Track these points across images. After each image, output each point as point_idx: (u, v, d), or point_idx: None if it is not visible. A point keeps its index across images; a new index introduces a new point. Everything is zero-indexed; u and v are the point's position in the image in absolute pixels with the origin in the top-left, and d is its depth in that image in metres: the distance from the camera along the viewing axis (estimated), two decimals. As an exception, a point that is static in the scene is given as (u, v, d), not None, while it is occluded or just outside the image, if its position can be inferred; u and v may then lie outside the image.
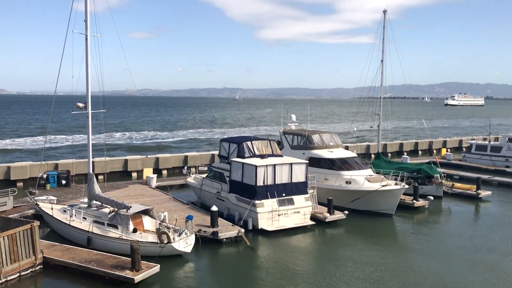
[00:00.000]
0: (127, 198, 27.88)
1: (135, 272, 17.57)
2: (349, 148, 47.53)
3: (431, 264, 20.27)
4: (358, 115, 43.26)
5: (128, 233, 21.03)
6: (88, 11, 22.47)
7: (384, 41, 39.49)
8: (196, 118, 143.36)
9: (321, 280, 18.48)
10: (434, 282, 18.33)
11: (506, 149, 47.11)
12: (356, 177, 29.19)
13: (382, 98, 40.57)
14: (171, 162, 42.46)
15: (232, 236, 23.03)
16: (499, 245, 23.17)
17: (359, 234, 25.29)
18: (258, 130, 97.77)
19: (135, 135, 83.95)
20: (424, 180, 32.95)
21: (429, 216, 29.11)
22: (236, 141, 28.87)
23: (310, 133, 33.39)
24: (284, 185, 25.75)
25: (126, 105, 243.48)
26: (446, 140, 65.42)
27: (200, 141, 74.86)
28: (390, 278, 18.70)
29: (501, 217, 29.26)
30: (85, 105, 23.43)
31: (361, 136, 71.16)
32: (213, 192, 28.58)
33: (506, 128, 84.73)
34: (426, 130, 73.46)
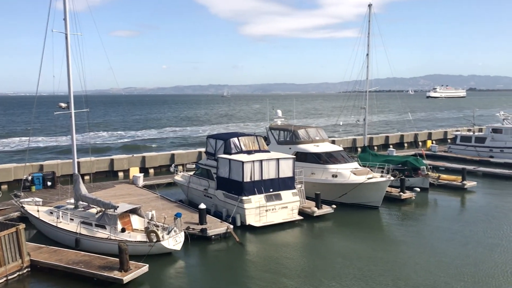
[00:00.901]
0: (114, 198, 27.67)
1: (123, 273, 17.45)
2: (336, 142, 47.76)
3: (421, 258, 20.28)
4: (345, 109, 43.44)
5: (117, 233, 20.88)
6: (67, 10, 22.17)
7: (370, 35, 39.66)
8: (183, 116, 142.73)
9: (312, 275, 18.55)
10: (425, 275, 18.32)
11: (490, 140, 47.76)
12: (342, 170, 29.35)
13: (367, 91, 40.78)
14: (158, 160, 42.21)
15: (221, 233, 23.01)
16: (487, 236, 23.31)
17: (348, 227, 25.42)
18: (247, 126, 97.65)
19: (121, 134, 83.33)
20: (411, 172, 33.26)
21: (416, 208, 29.36)
22: (223, 137, 28.82)
23: (296, 128, 33.49)
24: (272, 181, 25.77)
25: (111, 104, 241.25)
26: (431, 132, 66.09)
27: (188, 139, 74.60)
28: (380, 272, 18.70)
29: (487, 207, 29.62)
30: (67, 105, 23.15)
31: (348, 130, 71.53)
32: (200, 190, 28.51)
33: (485, 119, 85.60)
34: (412, 122, 74.20)
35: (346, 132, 65.72)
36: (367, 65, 40.11)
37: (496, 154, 46.61)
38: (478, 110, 72.39)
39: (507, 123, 48.87)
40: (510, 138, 46.50)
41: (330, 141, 37.66)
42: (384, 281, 17.80)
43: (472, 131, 53.00)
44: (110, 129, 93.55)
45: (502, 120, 49.55)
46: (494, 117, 62.39)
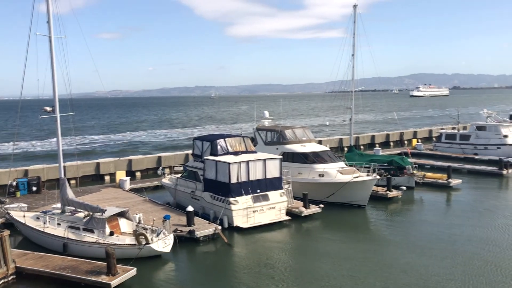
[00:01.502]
0: (100, 202, 27.44)
1: (111, 277, 17.30)
2: (322, 142, 48.00)
3: (410, 257, 20.21)
4: (331, 109, 43.68)
5: (105, 236, 20.72)
6: (51, 12, 21.94)
7: (355, 35, 39.93)
8: (170, 118, 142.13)
9: (301, 275, 18.56)
10: (415, 275, 18.23)
11: (474, 137, 48.41)
12: (329, 169, 29.50)
13: (353, 91, 41.05)
14: (144, 163, 41.95)
15: (209, 234, 22.97)
16: (476, 234, 23.42)
17: (336, 227, 25.55)
18: (235, 127, 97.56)
19: (108, 137, 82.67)
20: (396, 171, 33.52)
21: (403, 206, 29.60)
22: (209, 139, 28.77)
23: (283, 128, 33.60)
24: (259, 181, 25.78)
25: (97, 107, 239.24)
26: (417, 130, 66.73)
27: (176, 141, 74.27)
28: (369, 272, 18.62)
29: (473, 204, 29.95)
30: (52, 109, 22.93)
31: (334, 129, 71.85)
32: (187, 192, 28.42)
33: (466, 117, 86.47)
34: (397, 121, 74.88)
35: (334, 131, 66.02)
36: (353, 65, 40.40)
37: (481, 151, 47.26)
38: (462, 108, 73.32)
39: (490, 120, 49.57)
40: (493, 135, 47.18)
41: (317, 141, 37.85)
42: (374, 281, 17.73)
43: (457, 129, 53.73)
44: (96, 132, 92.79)
45: (485, 117, 50.23)
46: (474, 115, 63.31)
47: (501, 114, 54.67)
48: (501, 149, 46.14)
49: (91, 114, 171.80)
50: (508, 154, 44.69)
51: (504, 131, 46.85)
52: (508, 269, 18.68)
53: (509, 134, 46.82)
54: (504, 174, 38.41)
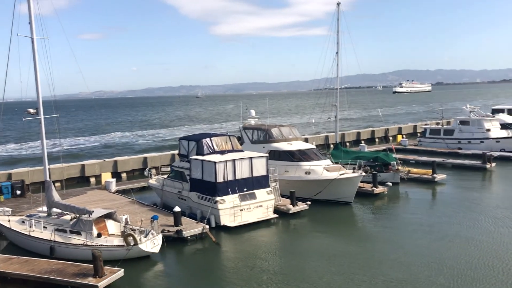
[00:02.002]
0: (86, 204, 27.16)
1: (98, 279, 17.16)
2: (309, 140, 48.15)
3: (399, 253, 20.17)
4: (317, 107, 43.88)
5: (93, 238, 20.57)
6: (33, 13, 21.68)
7: (339, 33, 40.16)
8: (157, 118, 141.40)
9: (290, 272, 18.56)
10: (404, 271, 18.15)
11: (458, 132, 49.07)
12: (315, 167, 29.64)
13: (338, 89, 41.29)
14: (130, 164, 41.67)
15: (197, 233, 22.92)
16: (462, 229, 23.55)
17: (323, 224, 25.66)
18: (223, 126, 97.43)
19: (93, 138, 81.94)
20: (381, 167, 33.79)
21: (389, 202, 29.83)
22: (195, 138, 28.70)
23: (269, 127, 33.68)
24: (245, 180, 25.79)
25: (81, 108, 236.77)
26: (401, 126, 67.38)
27: (164, 141, 73.91)
28: (358, 269, 18.55)
29: (459, 198, 30.30)
30: (36, 111, 22.67)
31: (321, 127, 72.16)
32: (174, 192, 28.32)
33: (447, 112, 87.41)
34: (381, 117, 75.50)
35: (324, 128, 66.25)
36: (337, 63, 40.65)
37: (464, 146, 47.91)
38: (442, 104, 74.22)
39: (473, 115, 50.27)
40: (477, 129, 47.88)
41: (303, 139, 37.98)
42: (363, 278, 17.70)
43: (441, 124, 54.36)
44: (81, 134, 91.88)
45: (469, 112, 50.92)
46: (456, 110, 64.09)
47: (483, 108, 55.40)
48: (484, 143, 46.84)
49: (76, 115, 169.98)
50: (491, 148, 45.38)
51: (486, 125, 47.55)
52: (496, 262, 18.87)
53: (492, 128, 47.54)
54: (487, 168, 38.96)
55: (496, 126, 48.00)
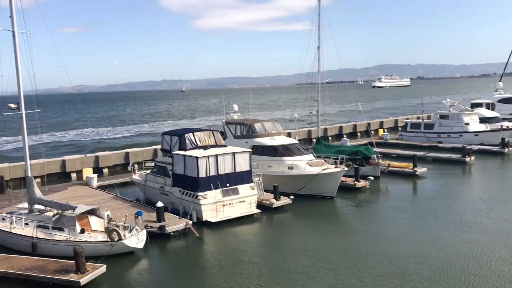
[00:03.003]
0: (67, 200, 26.71)
1: (80, 275, 17.05)
2: (291, 135, 48.36)
3: (385, 247, 20.18)
4: (298, 102, 44.04)
5: (76, 234, 20.41)
6: (14, 6, 21.28)
7: (320, 28, 40.28)
8: (140, 112, 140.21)
9: (274, 268, 18.60)
10: (391, 265, 18.18)
11: (438, 126, 49.82)
12: (298, 162, 29.79)
13: (320, 84, 41.48)
14: (112, 160, 41.30)
15: (180, 229, 22.87)
16: (447, 221, 23.81)
17: (307, 218, 25.78)
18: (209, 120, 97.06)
19: (75, 133, 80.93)
20: (362, 161, 34.11)
21: (371, 196, 30.19)
22: (178, 133, 28.57)
23: (252, 122, 33.67)
24: (228, 175, 25.78)
25: (62, 103, 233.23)
26: (383, 120, 68.09)
27: (145, 136, 73.37)
28: (344, 264, 18.54)
29: (440, 191, 30.84)
30: (17, 106, 22.32)
31: (303, 121, 72.43)
32: (157, 187, 28.19)
33: (426, 107, 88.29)
34: (362, 112, 76.13)
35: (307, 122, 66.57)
36: (319, 58, 40.82)
37: (444, 139, 48.68)
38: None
39: (453, 109, 51.05)
40: (456, 123, 48.67)
41: (286, 134, 38.13)
42: (350, 272, 17.62)
43: (421, 118, 55.04)
44: (63, 128, 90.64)
45: (448, 106, 51.68)
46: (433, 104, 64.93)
47: (463, 102, 56.27)
48: (463, 137, 47.65)
49: (57, 110, 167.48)
50: (470, 142, 46.19)
51: (465, 119, 48.37)
52: (482, 253, 19.21)
53: (471, 122, 48.39)
54: (467, 161, 39.66)
55: (475, 120, 48.87)
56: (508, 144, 44.59)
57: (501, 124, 48.15)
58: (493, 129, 47.32)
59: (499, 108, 56.89)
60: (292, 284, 16.90)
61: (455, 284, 16.46)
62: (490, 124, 48.55)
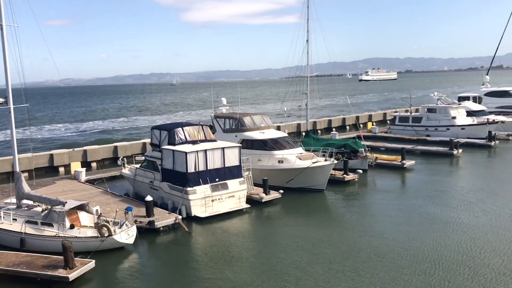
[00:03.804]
0: (55, 195, 26.63)
1: (69, 270, 16.97)
2: (281, 128, 48.40)
3: (378, 241, 20.09)
4: (288, 95, 44.03)
5: (65, 230, 20.27)
6: (2, 0, 20.94)
7: (309, 21, 40.26)
8: (130, 106, 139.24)
9: (264, 262, 18.60)
10: (386, 260, 18.14)
11: (426, 119, 50.22)
12: (288, 156, 29.85)
13: (309, 77, 41.52)
14: (100, 153, 41.01)
15: (169, 224, 22.81)
16: (438, 213, 23.99)
17: (296, 212, 25.85)
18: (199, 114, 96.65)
19: (64, 126, 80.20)
20: (350, 154, 34.28)
21: (360, 189, 30.38)
22: (167, 128, 28.43)
23: (241, 115, 33.59)
24: (217, 170, 25.74)
25: (49, 96, 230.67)
26: (372, 114, 68.42)
27: (134, 130, 72.97)
28: (336, 257, 18.52)
29: (430, 183, 31.10)
30: (5, 100, 22.04)
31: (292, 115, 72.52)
32: (146, 182, 28.08)
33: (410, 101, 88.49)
34: (350, 105, 76.53)
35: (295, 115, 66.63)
36: (307, 51, 40.84)
37: (432, 133, 49.10)
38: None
39: (441, 103, 51.46)
40: (443, 117, 49.09)
41: (275, 127, 38.17)
42: (343, 267, 17.56)
43: (410, 111, 55.40)
44: (50, 122, 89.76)
45: (436, 100, 52.08)
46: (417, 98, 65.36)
47: (450, 96, 56.79)
48: (450, 130, 48.10)
49: (45, 103, 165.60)
50: (457, 135, 46.63)
51: (452, 113, 48.80)
52: (475, 245, 19.43)
53: (458, 115, 48.83)
54: (454, 154, 40.06)
55: (462, 114, 49.31)
56: (495, 137, 45.10)
57: (488, 117, 48.63)
58: (479, 123, 47.81)
59: (486, 102, 57.44)
60: (285, 279, 16.86)
61: (450, 276, 16.52)
62: (477, 117, 49.02)
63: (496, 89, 60.81)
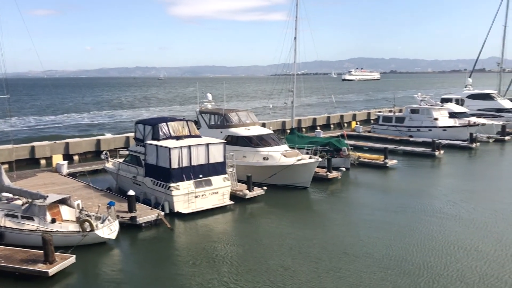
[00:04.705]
0: (36, 187, 26.32)
1: (48, 265, 16.76)
2: (266, 125, 48.45)
3: (363, 241, 20.09)
4: (274, 92, 44.14)
5: (46, 224, 19.98)
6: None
7: (297, 19, 40.32)
8: (116, 99, 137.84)
9: (247, 259, 18.56)
10: (372, 259, 18.11)
11: (408, 120, 50.75)
12: (273, 153, 29.90)
13: (295, 75, 41.62)
14: (83, 146, 40.53)
15: (152, 220, 22.66)
16: (422, 213, 24.18)
17: (280, 209, 25.90)
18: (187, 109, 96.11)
19: (48, 119, 79.10)
20: (333, 153, 34.50)
21: (343, 187, 30.59)
22: (151, 123, 28.20)
23: (227, 111, 33.52)
24: (201, 166, 25.63)
25: (32, 88, 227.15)
26: (356, 113, 68.87)
27: (119, 123, 72.34)
28: (322, 257, 18.44)
29: (412, 183, 31.39)
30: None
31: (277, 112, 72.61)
32: (129, 177, 27.85)
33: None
34: (334, 104, 76.98)
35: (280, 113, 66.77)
36: (295, 49, 40.92)
37: (414, 133, 49.64)
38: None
39: (424, 104, 52.03)
40: (426, 118, 49.65)
41: (261, 124, 38.19)
42: (328, 268, 17.40)
43: (393, 111, 55.90)
44: (33, 114, 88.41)
45: (419, 101, 52.64)
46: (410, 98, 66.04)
47: (433, 97, 57.45)
48: (432, 131, 48.67)
49: (28, 95, 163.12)
50: (438, 136, 47.17)
51: (435, 114, 49.37)
52: (460, 246, 19.58)
53: (440, 117, 49.42)
54: (436, 155, 40.56)
55: (444, 115, 49.91)
56: (476, 139, 45.78)
57: (469, 119, 49.33)
58: (461, 125, 48.46)
59: (468, 104, 58.23)
60: (269, 279, 16.62)
61: (437, 277, 16.55)
62: (458, 119, 49.67)
63: (478, 91, 61.66)
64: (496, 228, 21.84)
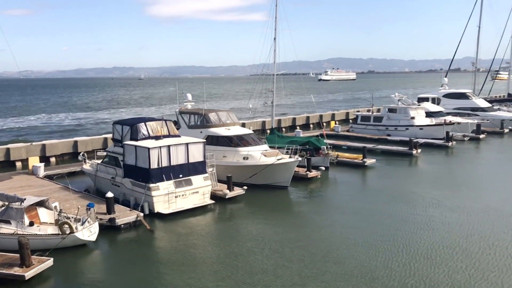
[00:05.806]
0: (12, 190, 25.81)
1: (25, 268, 16.44)
2: (246, 125, 48.45)
3: (345, 244, 19.90)
4: (254, 92, 44.18)
5: (24, 227, 19.59)
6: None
7: (277, 19, 40.48)
8: (94, 99, 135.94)
9: (227, 260, 18.49)
10: (357, 260, 17.96)
11: (386, 119, 51.42)
12: (253, 152, 29.94)
13: (275, 75, 41.77)
14: (59, 148, 39.86)
15: (131, 221, 22.44)
16: (400, 212, 24.38)
17: (260, 208, 25.89)
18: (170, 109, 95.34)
19: (26, 119, 77.54)
20: (313, 152, 34.73)
21: (323, 186, 30.77)
22: (129, 123, 27.90)
23: (207, 111, 33.42)
24: (181, 166, 25.50)
25: (6, 89, 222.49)
26: (335, 113, 69.42)
27: (96, 124, 71.37)
28: (305, 257, 18.32)
29: (391, 181, 31.83)
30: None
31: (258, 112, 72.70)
32: (108, 178, 27.51)
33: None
34: (314, 104, 77.53)
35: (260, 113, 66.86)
36: (275, 49, 41.08)
37: (392, 132, 50.30)
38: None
39: (401, 103, 52.79)
40: (403, 117, 50.39)
41: (241, 124, 38.22)
42: (311, 271, 17.15)
43: (371, 111, 56.56)
44: (8, 115, 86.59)
45: (397, 100, 53.38)
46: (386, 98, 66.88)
47: (411, 97, 58.27)
48: (409, 130, 49.42)
49: (3, 96, 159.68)
50: (415, 135, 47.94)
51: (412, 113, 50.14)
52: (443, 241, 19.91)
53: (416, 116, 50.21)
54: (414, 153, 41.15)
55: (421, 114, 50.72)
56: (452, 138, 46.62)
57: (445, 118, 50.21)
58: (437, 123, 49.30)
59: (444, 103, 59.27)
60: (251, 283, 16.36)
61: (426, 278, 16.50)
62: (435, 118, 50.52)
63: (454, 91, 62.81)
64: (480, 226, 21.99)
